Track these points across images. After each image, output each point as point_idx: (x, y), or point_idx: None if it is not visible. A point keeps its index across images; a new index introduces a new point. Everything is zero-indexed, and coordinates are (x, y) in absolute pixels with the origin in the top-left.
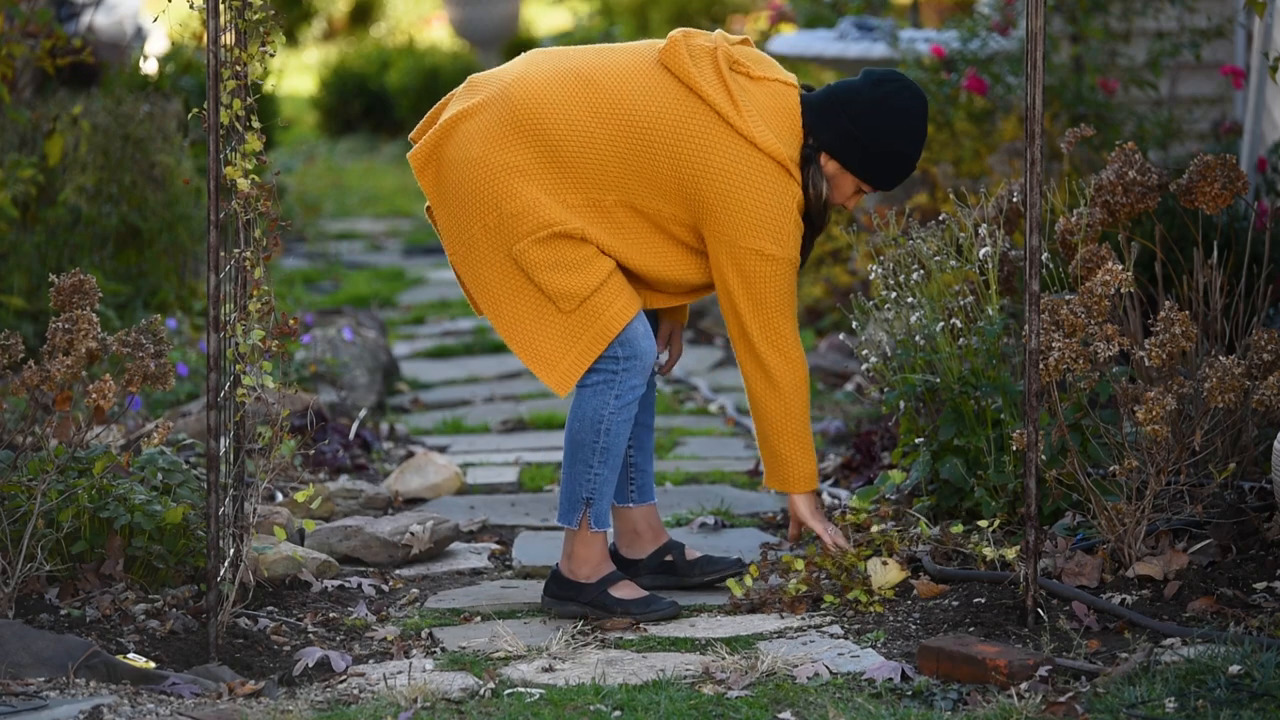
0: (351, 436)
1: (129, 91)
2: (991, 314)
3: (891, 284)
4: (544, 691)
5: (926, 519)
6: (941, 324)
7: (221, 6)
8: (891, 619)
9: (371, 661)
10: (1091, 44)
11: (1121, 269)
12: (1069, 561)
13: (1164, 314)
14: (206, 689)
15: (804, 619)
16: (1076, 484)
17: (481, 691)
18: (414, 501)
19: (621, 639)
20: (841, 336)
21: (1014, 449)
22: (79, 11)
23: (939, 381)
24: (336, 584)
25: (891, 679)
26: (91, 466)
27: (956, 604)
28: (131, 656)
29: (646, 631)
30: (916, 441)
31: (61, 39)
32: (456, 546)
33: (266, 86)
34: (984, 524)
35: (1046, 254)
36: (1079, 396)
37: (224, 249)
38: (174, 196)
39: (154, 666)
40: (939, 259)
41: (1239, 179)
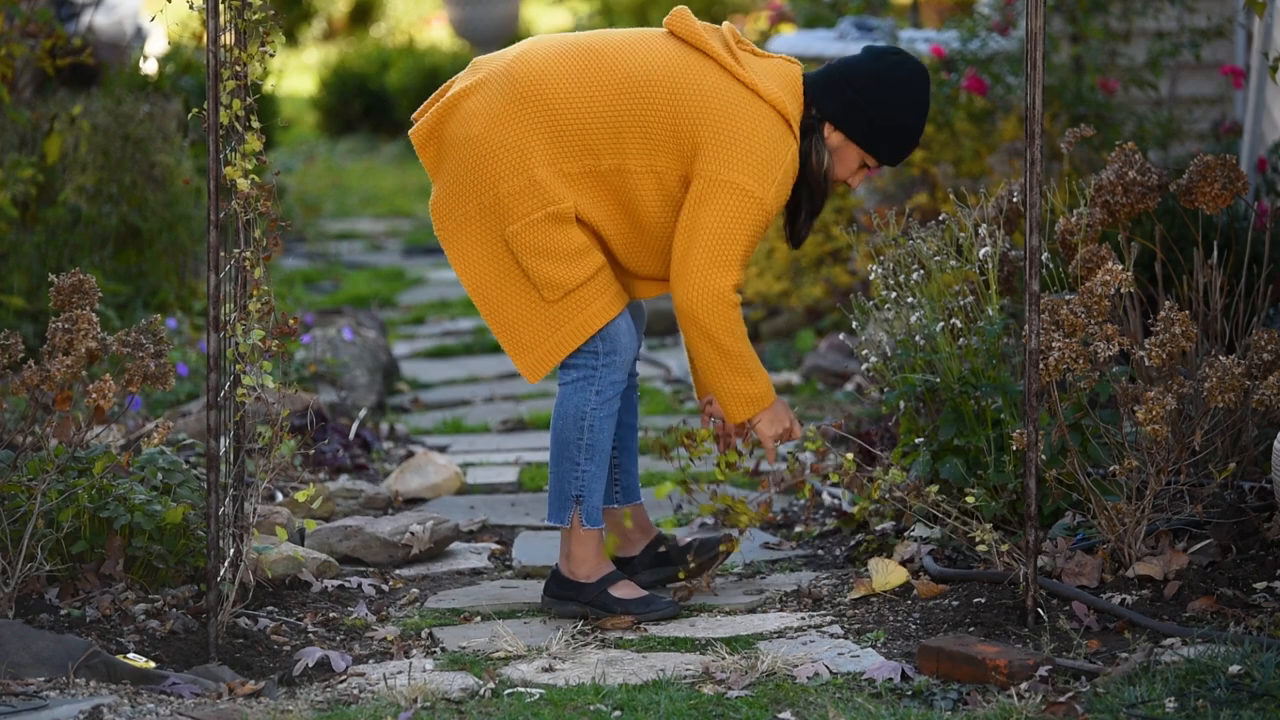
0: (351, 436)
1: (129, 91)
2: (991, 314)
3: (891, 284)
4: (544, 691)
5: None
6: (941, 324)
7: (221, 6)
8: (891, 619)
9: (371, 661)
10: (1091, 44)
11: (1121, 269)
12: (1069, 561)
13: (1164, 314)
14: (206, 689)
15: (804, 619)
16: (1076, 484)
17: (481, 691)
18: (414, 501)
19: (621, 639)
20: (841, 336)
21: (1014, 449)
22: (79, 11)
23: (939, 381)
24: (336, 584)
25: (891, 679)
26: (91, 466)
27: (956, 604)
28: (131, 656)
29: (646, 631)
30: (916, 441)
31: (61, 39)
32: (456, 546)
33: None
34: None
35: (1046, 254)
36: (1079, 396)
37: (224, 249)
38: (174, 196)
39: (154, 666)
40: (939, 259)
41: (1239, 179)
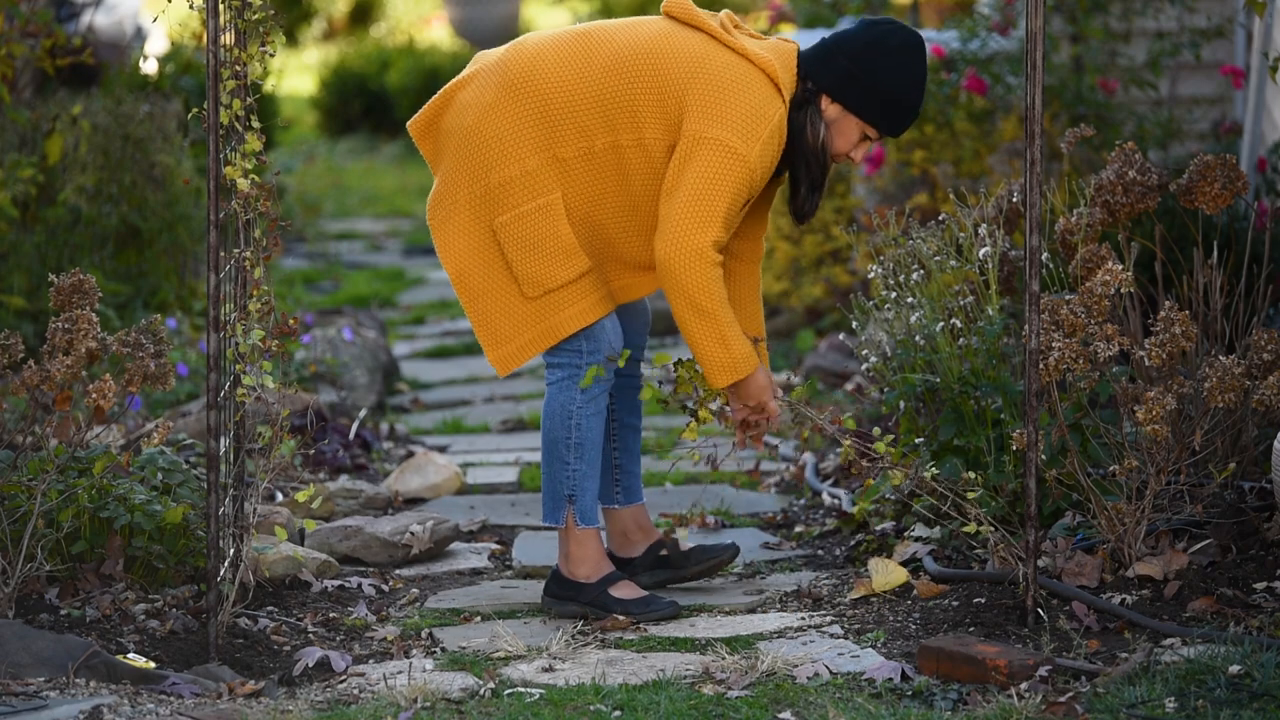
0: (351, 436)
1: (129, 91)
2: (991, 314)
3: (891, 284)
4: (544, 691)
5: (925, 520)
6: (941, 324)
7: (221, 6)
8: (891, 619)
9: (371, 661)
10: (1091, 44)
11: (1121, 269)
12: (1069, 561)
13: (1164, 314)
14: (206, 689)
15: (804, 619)
16: (1076, 484)
17: (481, 691)
18: (414, 501)
19: (621, 639)
20: (841, 336)
21: (1014, 449)
22: (79, 11)
23: (939, 381)
24: (336, 584)
25: (891, 679)
26: (91, 466)
27: (956, 604)
28: (131, 656)
29: (646, 631)
30: (916, 441)
31: (61, 39)
32: (456, 546)
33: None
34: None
35: (1046, 254)
36: (1079, 396)
37: (224, 249)
38: (174, 196)
39: (154, 666)
40: (939, 259)
41: (1239, 179)
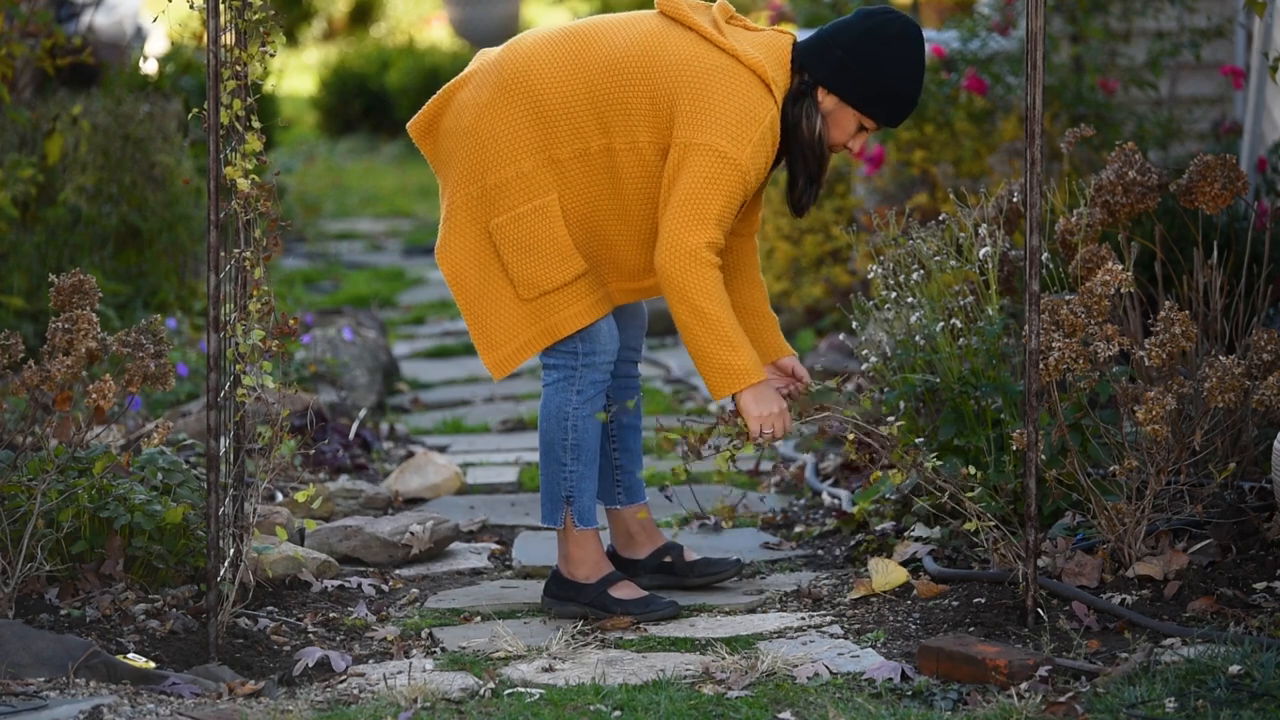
0: (351, 436)
1: (129, 91)
2: (991, 314)
3: (891, 284)
4: (544, 691)
5: (925, 520)
6: (941, 324)
7: (221, 6)
8: (891, 619)
9: (371, 661)
10: (1091, 44)
11: (1121, 269)
12: (1069, 561)
13: (1164, 314)
14: (206, 689)
15: (804, 619)
16: (1076, 484)
17: (481, 691)
18: (414, 501)
19: (621, 639)
20: (841, 336)
21: (1014, 449)
22: (79, 11)
23: (939, 381)
24: (336, 584)
25: (891, 679)
26: (91, 466)
27: (956, 604)
28: (131, 656)
29: (646, 631)
30: (917, 441)
31: (61, 39)
32: (456, 546)
33: (266, 86)
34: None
35: (1046, 254)
36: (1079, 396)
37: (224, 249)
38: (174, 196)
39: (154, 666)
40: (939, 259)
41: (1239, 179)
